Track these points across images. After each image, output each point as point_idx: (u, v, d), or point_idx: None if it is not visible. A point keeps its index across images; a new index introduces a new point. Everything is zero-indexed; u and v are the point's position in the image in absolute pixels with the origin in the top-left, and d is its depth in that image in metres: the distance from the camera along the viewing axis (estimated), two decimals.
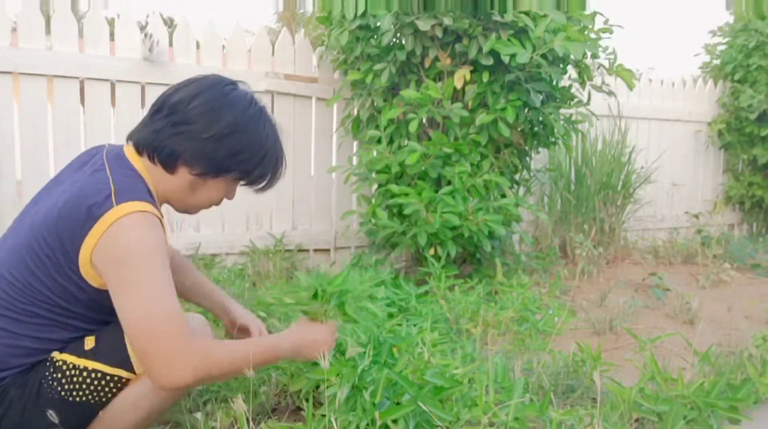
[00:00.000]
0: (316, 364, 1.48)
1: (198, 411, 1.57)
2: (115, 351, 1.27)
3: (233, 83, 1.37)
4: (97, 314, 1.30)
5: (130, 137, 1.37)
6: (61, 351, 1.27)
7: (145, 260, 1.19)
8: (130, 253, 1.18)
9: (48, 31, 2.71)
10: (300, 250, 3.35)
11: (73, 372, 1.25)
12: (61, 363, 1.26)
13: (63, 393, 1.25)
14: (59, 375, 1.25)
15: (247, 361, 1.25)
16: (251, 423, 1.36)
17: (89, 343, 1.28)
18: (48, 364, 1.26)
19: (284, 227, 3.31)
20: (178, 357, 1.17)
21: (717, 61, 5.10)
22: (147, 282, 1.18)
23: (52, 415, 1.22)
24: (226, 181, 1.38)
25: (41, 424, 1.24)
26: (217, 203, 1.43)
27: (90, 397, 1.26)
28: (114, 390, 1.28)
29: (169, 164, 1.31)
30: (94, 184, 1.25)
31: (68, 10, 2.74)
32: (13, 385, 1.24)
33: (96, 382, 1.26)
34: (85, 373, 1.25)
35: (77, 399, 1.26)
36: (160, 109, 1.33)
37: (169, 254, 1.29)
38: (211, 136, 1.29)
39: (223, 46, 3.13)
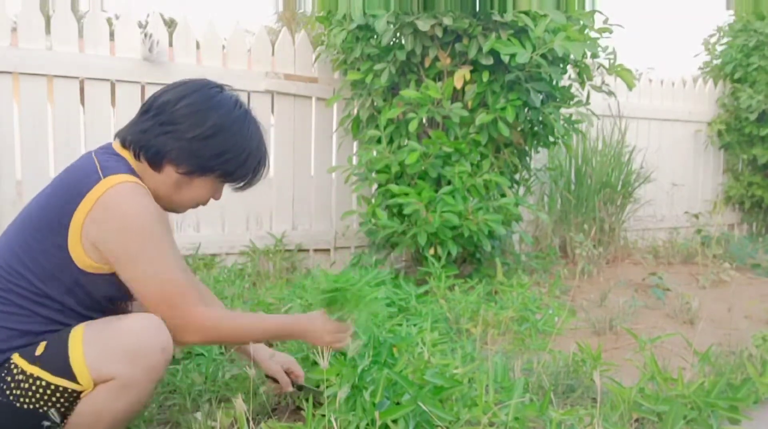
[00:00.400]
0: (315, 364, 1.48)
1: (198, 411, 1.57)
2: (58, 359, 1.21)
3: (219, 86, 1.41)
4: (73, 303, 1.28)
5: (117, 135, 1.40)
6: (21, 354, 1.23)
7: (148, 231, 1.24)
8: (132, 226, 1.23)
9: (48, 31, 2.71)
10: (300, 250, 3.35)
11: (20, 377, 1.22)
12: (13, 366, 1.22)
13: (11, 398, 1.21)
14: (9, 378, 1.22)
15: (251, 336, 1.39)
16: (251, 423, 1.36)
17: (40, 348, 1.23)
18: (5, 364, 1.23)
19: (284, 227, 3.31)
20: (190, 324, 1.29)
21: (717, 61, 5.10)
22: (154, 254, 1.25)
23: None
24: (212, 180, 1.41)
25: None
26: (204, 203, 1.46)
27: (37, 405, 1.21)
28: (62, 401, 1.22)
29: (156, 162, 1.35)
30: (80, 168, 1.30)
31: (68, 10, 2.74)
32: None
33: (41, 391, 1.21)
34: (30, 380, 1.21)
35: (24, 406, 1.21)
36: (147, 109, 1.37)
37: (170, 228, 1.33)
38: (196, 135, 1.33)
39: (223, 46, 3.13)
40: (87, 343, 1.22)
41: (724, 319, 2.87)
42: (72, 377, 1.21)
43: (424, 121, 2.87)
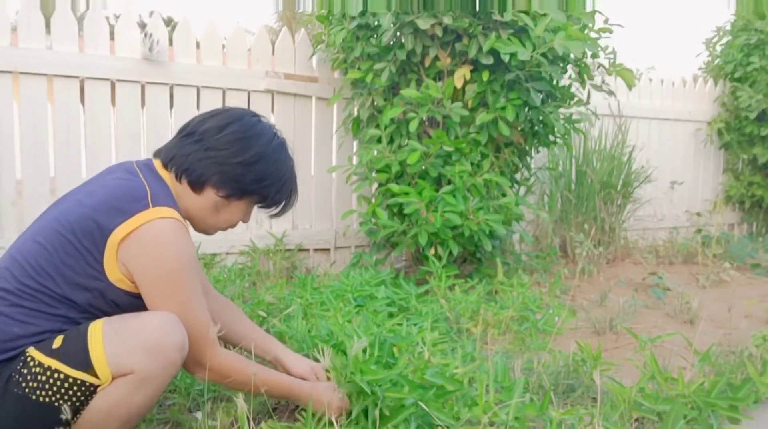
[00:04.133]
0: (316, 362, 1.47)
1: (198, 410, 1.57)
2: (77, 352, 1.23)
3: (257, 116, 1.51)
4: (95, 309, 1.31)
5: (158, 154, 1.46)
6: (36, 347, 1.25)
7: (183, 275, 1.31)
8: (167, 266, 1.29)
9: (48, 30, 2.71)
10: (300, 250, 3.35)
11: (37, 370, 1.23)
12: (29, 359, 1.23)
13: (27, 390, 1.22)
14: (25, 370, 1.23)
15: (256, 389, 1.41)
16: (251, 422, 1.36)
17: (57, 341, 1.25)
18: (21, 357, 1.24)
19: (284, 226, 3.31)
20: (204, 363, 1.36)
21: (718, 60, 5.10)
22: (184, 297, 1.32)
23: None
24: (247, 204, 1.50)
25: (3, 417, 1.23)
26: (234, 225, 1.54)
27: (53, 398, 1.22)
28: (78, 394, 1.23)
29: (198, 185, 1.42)
30: (129, 185, 1.35)
31: (68, 10, 2.74)
32: None
33: (59, 384, 1.22)
34: (48, 373, 1.22)
35: (40, 399, 1.22)
36: (190, 134, 1.44)
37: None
38: (240, 161, 1.42)
39: (223, 46, 3.13)
40: (107, 337, 1.24)
41: (724, 318, 2.87)
42: (91, 371, 1.23)
43: (424, 120, 2.87)
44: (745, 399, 1.62)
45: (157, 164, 1.44)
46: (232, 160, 1.41)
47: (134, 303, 1.33)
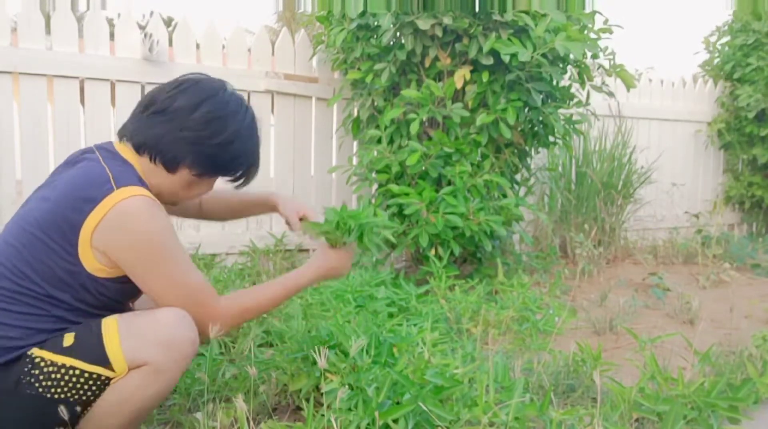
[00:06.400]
0: (315, 363, 1.48)
1: (198, 411, 1.57)
2: (92, 348, 1.26)
3: (225, 86, 1.45)
4: (83, 304, 1.31)
5: (124, 135, 1.41)
6: (41, 348, 1.26)
7: (164, 246, 1.30)
8: (147, 243, 1.28)
9: (48, 31, 2.71)
10: (300, 250, 3.35)
11: (51, 369, 1.25)
12: (39, 360, 1.25)
13: (41, 390, 1.24)
14: (37, 372, 1.25)
15: (273, 303, 1.47)
16: (251, 423, 1.36)
17: (68, 339, 1.27)
18: (27, 360, 1.26)
19: (284, 227, 3.29)
20: (218, 318, 1.37)
21: (717, 60, 5.10)
22: (171, 266, 1.32)
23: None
24: (219, 178, 1.49)
25: (16, 418, 1.25)
26: (202, 195, 1.55)
27: (69, 394, 1.26)
28: (94, 388, 1.27)
29: (172, 166, 1.39)
30: (90, 172, 1.32)
31: (68, 10, 2.74)
32: None
33: (75, 380, 1.25)
34: (63, 370, 1.25)
35: (55, 396, 1.25)
36: (160, 111, 1.37)
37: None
38: (217, 143, 1.39)
39: (223, 46, 3.13)
40: (123, 332, 1.27)
41: (724, 319, 2.87)
42: (107, 365, 1.26)
43: (424, 121, 2.87)
44: (745, 399, 1.62)
45: (121, 146, 1.40)
46: (209, 141, 1.37)
47: (120, 289, 1.34)
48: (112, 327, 1.28)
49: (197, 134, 1.36)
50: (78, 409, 1.27)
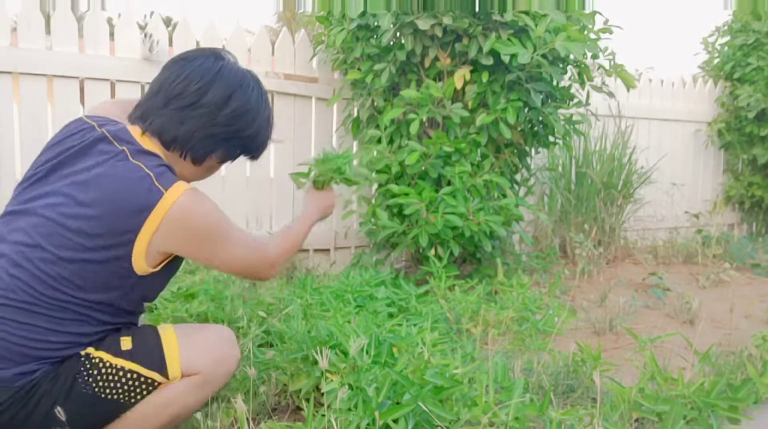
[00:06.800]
0: (316, 363, 1.48)
1: (198, 411, 1.57)
2: (152, 355, 1.33)
3: (246, 72, 1.47)
4: (126, 305, 1.34)
5: (143, 123, 1.37)
6: (97, 348, 1.30)
7: (220, 226, 1.37)
8: (207, 229, 1.34)
9: (48, 31, 2.71)
10: (300, 250, 3.34)
11: (109, 370, 1.29)
12: (98, 360, 1.29)
13: (96, 389, 1.28)
14: (95, 372, 1.28)
15: (298, 243, 1.64)
16: (251, 423, 1.37)
17: (126, 344, 1.32)
18: (83, 359, 1.28)
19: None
20: (275, 263, 1.53)
21: (717, 60, 5.10)
22: (228, 245, 1.39)
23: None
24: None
25: (68, 417, 1.27)
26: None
27: (120, 396, 1.30)
28: (144, 392, 1.32)
29: (201, 160, 1.43)
30: (129, 176, 1.29)
31: (68, 10, 2.74)
32: (44, 379, 1.25)
33: (130, 383, 1.30)
34: (121, 373, 1.29)
35: (108, 397, 1.29)
36: (191, 105, 1.35)
37: None
38: (247, 135, 1.45)
39: (223, 46, 3.13)
40: (182, 343, 1.36)
41: (724, 319, 2.87)
42: (164, 371, 1.33)
43: (424, 121, 2.87)
44: (745, 399, 1.62)
45: (134, 129, 1.36)
46: (238, 134, 1.43)
47: (157, 284, 1.39)
48: (172, 337, 1.36)
49: (227, 129, 1.40)
50: (122, 410, 1.31)
